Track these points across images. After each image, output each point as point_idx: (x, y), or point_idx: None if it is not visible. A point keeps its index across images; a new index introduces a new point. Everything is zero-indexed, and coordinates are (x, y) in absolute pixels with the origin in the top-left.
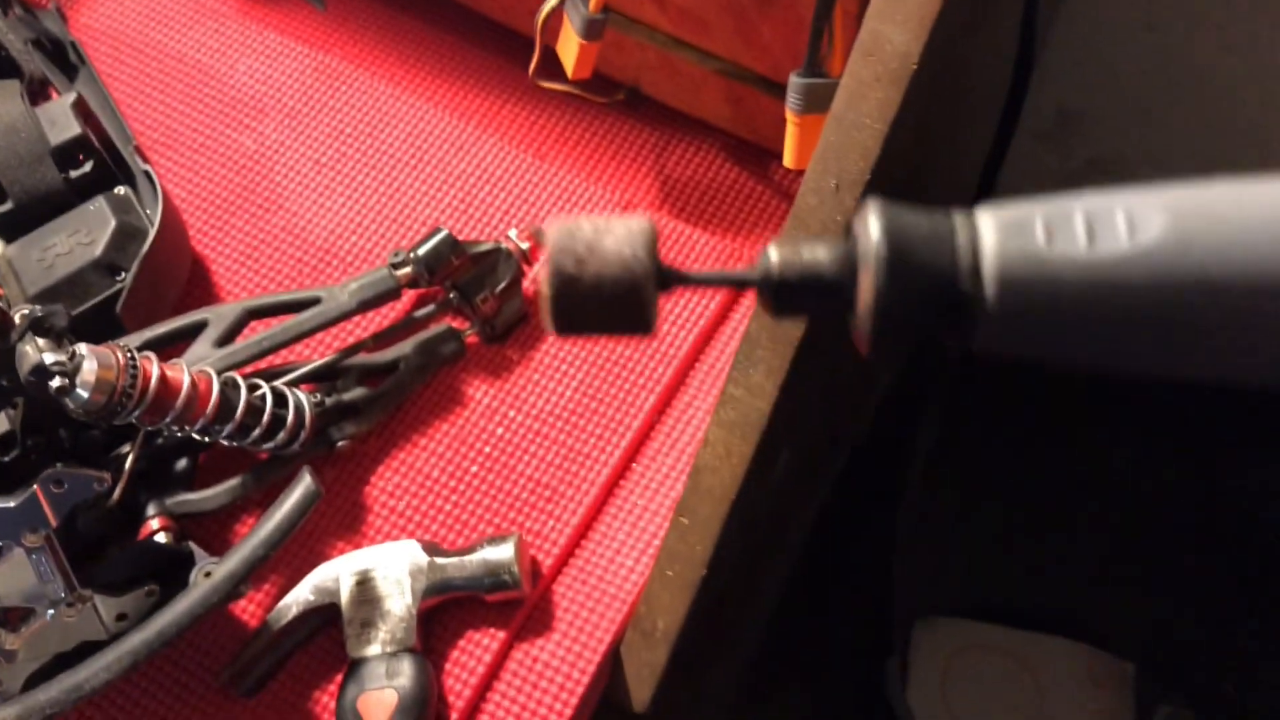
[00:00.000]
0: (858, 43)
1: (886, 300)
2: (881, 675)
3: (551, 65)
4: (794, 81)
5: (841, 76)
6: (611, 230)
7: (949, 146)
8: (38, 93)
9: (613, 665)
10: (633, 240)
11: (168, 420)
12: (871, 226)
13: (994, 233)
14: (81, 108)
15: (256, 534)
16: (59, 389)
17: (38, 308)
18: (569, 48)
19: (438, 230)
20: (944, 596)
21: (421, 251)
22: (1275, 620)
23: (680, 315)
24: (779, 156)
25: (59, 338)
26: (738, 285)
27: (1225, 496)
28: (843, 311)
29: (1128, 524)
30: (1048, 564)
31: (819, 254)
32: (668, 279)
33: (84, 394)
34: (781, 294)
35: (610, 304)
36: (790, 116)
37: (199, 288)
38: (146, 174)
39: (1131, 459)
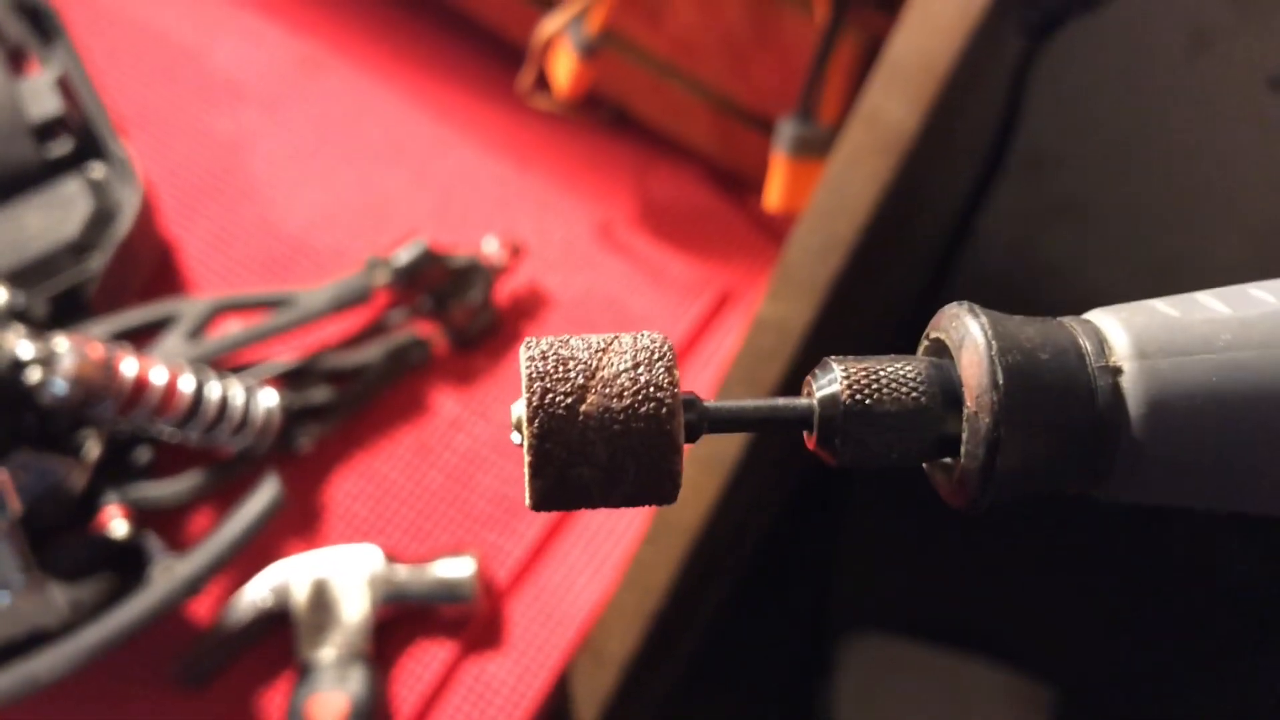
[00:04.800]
0: (857, 112)
1: (1009, 441)
2: (809, 689)
3: (539, 80)
4: (784, 126)
5: (836, 137)
6: (615, 348)
7: (932, 195)
8: (14, 60)
9: (561, 685)
10: (650, 359)
11: (139, 416)
12: (973, 333)
13: (1118, 322)
14: (63, 85)
15: (221, 536)
16: (37, 382)
17: (19, 295)
18: (563, 66)
19: (415, 239)
20: (877, 613)
21: (399, 263)
22: (1197, 658)
23: None
24: (758, 189)
25: (37, 327)
26: (787, 426)
27: (1166, 535)
28: (930, 456)
29: (1065, 551)
30: (981, 585)
31: (906, 370)
32: (697, 421)
33: (62, 388)
34: (851, 432)
35: (623, 450)
36: (777, 159)
37: (167, 273)
38: (123, 157)
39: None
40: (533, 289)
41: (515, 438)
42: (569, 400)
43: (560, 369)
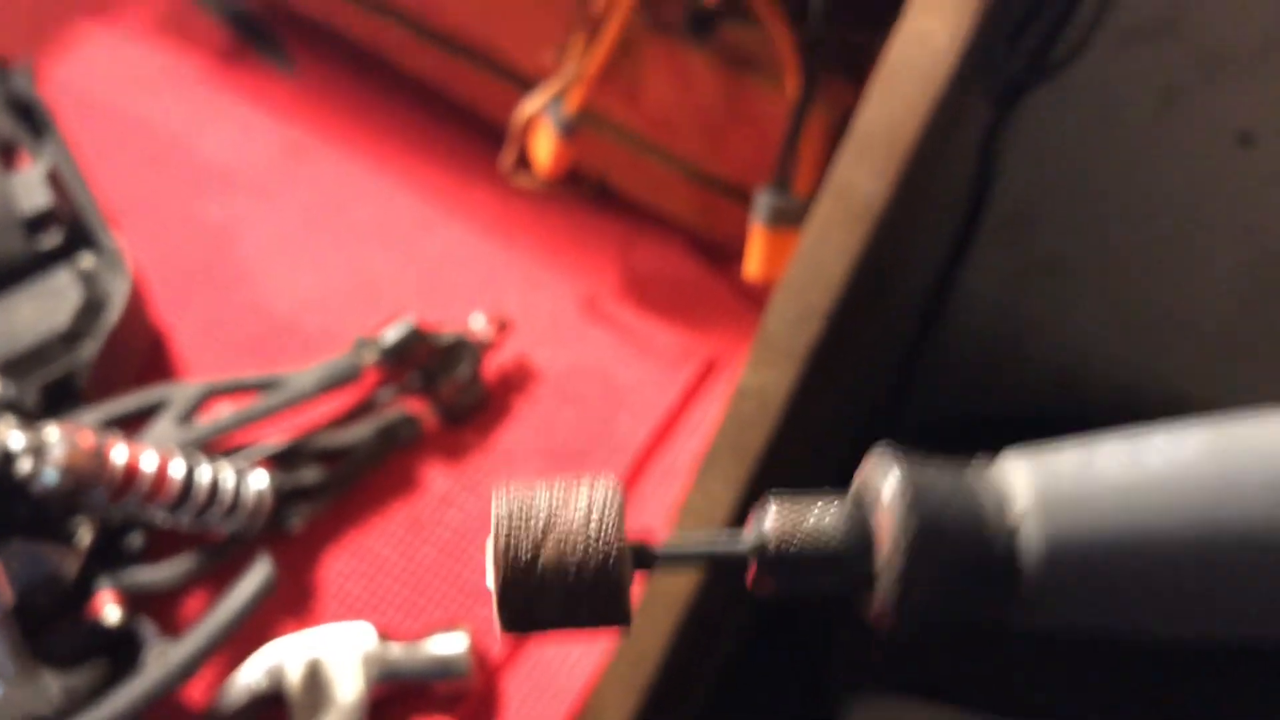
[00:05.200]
0: (827, 185)
1: (915, 587)
2: None
3: (520, 159)
4: (761, 198)
5: (811, 206)
6: (572, 501)
7: (908, 260)
8: (5, 154)
9: None
10: (601, 512)
11: (131, 502)
12: (887, 488)
13: (1025, 469)
14: (54, 178)
15: (214, 619)
16: (28, 473)
17: (10, 385)
18: (543, 145)
19: (403, 318)
20: (880, 671)
21: (387, 342)
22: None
23: (638, 408)
24: (739, 259)
25: (28, 416)
26: (726, 562)
27: None
28: (856, 589)
29: None
30: (985, 640)
31: (825, 521)
32: (644, 559)
33: (53, 478)
34: (783, 570)
35: (577, 594)
36: (755, 230)
37: (159, 360)
38: (113, 248)
39: None
40: (520, 363)
41: (489, 581)
42: (529, 555)
43: (524, 521)
